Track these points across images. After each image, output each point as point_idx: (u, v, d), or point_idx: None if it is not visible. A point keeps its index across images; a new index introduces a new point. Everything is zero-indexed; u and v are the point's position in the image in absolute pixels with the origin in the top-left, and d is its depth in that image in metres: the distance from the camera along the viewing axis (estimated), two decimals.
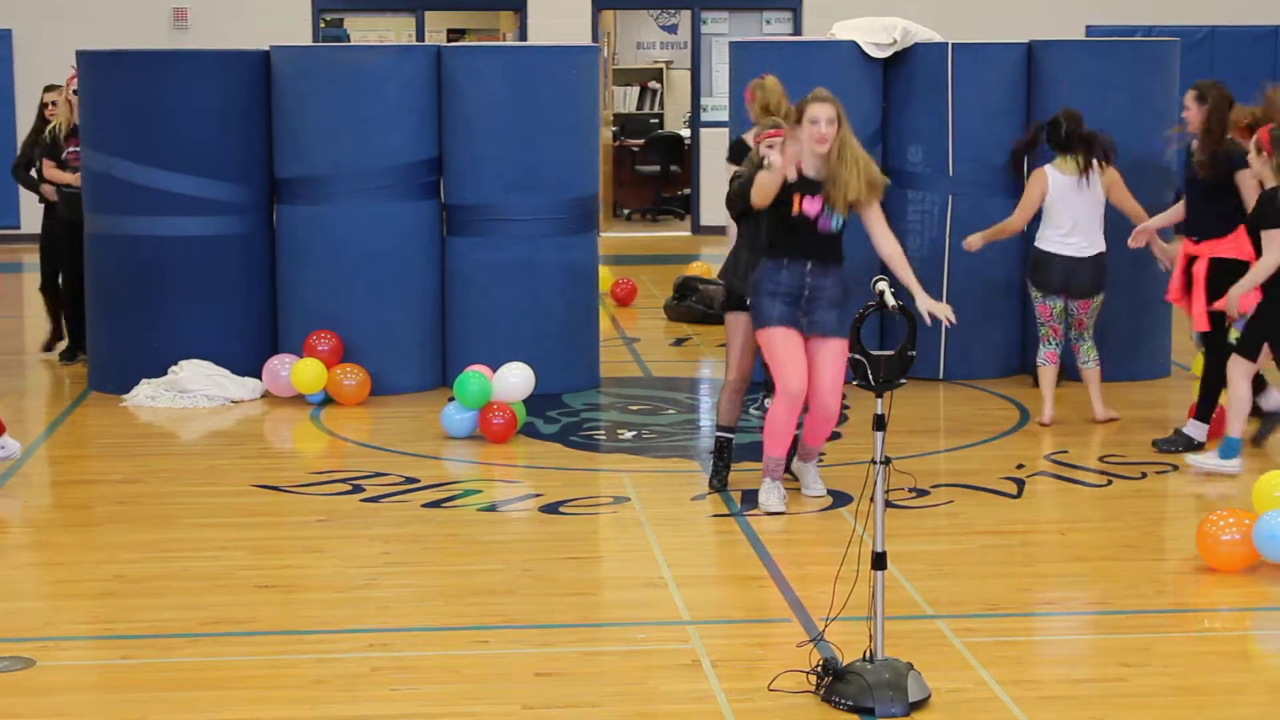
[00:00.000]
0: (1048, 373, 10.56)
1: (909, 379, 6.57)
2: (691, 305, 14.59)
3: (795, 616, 7.15)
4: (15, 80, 19.90)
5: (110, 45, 12.42)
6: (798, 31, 20.81)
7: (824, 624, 6.60)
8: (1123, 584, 7.66)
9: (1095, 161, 10.43)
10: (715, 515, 8.71)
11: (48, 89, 12.71)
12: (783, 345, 8.49)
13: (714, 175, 19.43)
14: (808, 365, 8.53)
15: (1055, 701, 6.27)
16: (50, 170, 12.35)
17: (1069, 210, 10.41)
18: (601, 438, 10.51)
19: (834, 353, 8.51)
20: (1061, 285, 10.45)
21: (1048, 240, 10.45)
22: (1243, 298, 9.27)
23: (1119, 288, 11.36)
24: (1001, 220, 10.80)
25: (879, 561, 6.22)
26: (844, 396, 8.79)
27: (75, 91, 11.98)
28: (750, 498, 8.83)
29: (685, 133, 22.34)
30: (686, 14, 22.04)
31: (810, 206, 8.45)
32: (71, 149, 12.15)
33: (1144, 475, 9.45)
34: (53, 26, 19.69)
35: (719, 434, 9.14)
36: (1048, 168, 10.50)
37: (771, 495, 8.69)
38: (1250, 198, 9.54)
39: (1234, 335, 9.71)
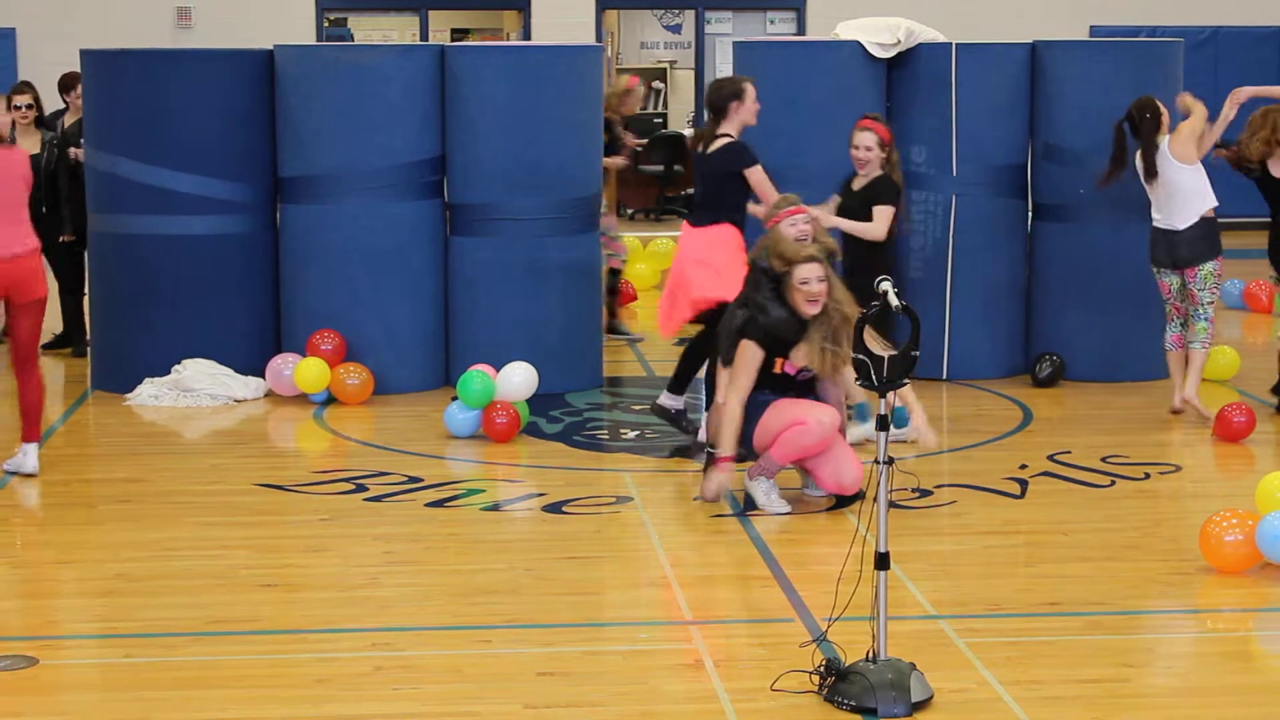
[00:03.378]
0: (1172, 357, 10.75)
1: (912, 379, 6.57)
2: None
3: (798, 616, 7.15)
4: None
5: (114, 44, 12.42)
6: (801, 31, 20.81)
7: (827, 624, 6.60)
8: (1125, 584, 7.66)
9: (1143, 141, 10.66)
10: (717, 515, 8.70)
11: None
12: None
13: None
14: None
15: (1058, 702, 6.26)
16: None
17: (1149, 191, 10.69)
18: (604, 437, 10.50)
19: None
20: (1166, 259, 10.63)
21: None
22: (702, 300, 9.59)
23: (1120, 289, 11.38)
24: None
25: (882, 562, 6.22)
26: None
27: None
28: (752, 498, 8.83)
29: (689, 132, 22.33)
30: (690, 14, 22.05)
31: (791, 366, 8.60)
32: None
33: (1147, 476, 9.44)
34: (56, 25, 19.69)
35: (709, 450, 8.95)
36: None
37: (773, 496, 8.68)
38: None
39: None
